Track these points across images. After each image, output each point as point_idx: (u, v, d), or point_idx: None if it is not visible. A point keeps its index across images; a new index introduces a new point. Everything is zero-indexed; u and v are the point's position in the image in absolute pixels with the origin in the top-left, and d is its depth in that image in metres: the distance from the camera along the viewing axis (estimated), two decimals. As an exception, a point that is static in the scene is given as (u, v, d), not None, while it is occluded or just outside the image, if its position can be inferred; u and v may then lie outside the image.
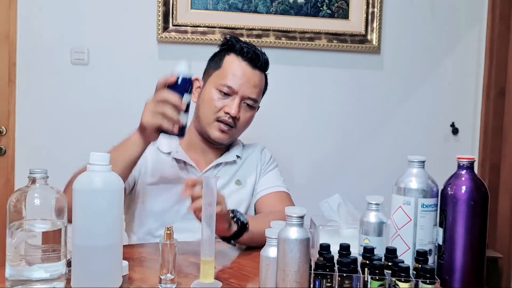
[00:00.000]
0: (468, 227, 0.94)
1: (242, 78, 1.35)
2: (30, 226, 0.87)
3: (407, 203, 0.99)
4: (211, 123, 1.36)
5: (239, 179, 1.43)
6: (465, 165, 0.97)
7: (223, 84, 1.35)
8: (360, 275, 0.86)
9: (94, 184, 0.87)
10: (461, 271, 0.95)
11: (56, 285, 0.87)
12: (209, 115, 1.36)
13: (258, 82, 1.38)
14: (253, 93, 1.37)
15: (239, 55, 1.37)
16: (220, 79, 1.36)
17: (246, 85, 1.35)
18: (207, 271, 0.92)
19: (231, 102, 1.34)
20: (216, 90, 1.36)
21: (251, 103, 1.37)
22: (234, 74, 1.35)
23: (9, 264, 0.86)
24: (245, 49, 1.36)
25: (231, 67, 1.36)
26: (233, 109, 1.33)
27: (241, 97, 1.35)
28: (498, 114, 2.30)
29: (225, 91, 1.34)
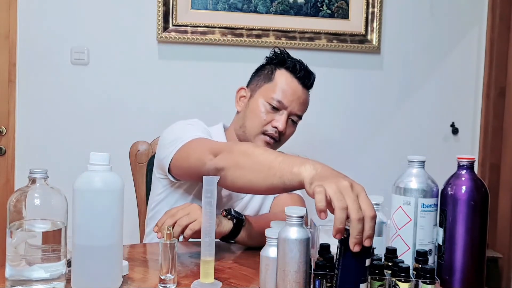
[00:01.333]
0: (468, 227, 0.94)
1: (293, 95, 1.37)
2: (30, 226, 0.87)
3: (407, 203, 0.99)
4: (257, 135, 1.37)
5: None
6: (465, 165, 0.97)
7: (274, 98, 1.36)
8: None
9: (94, 184, 0.86)
10: (461, 271, 0.95)
11: (56, 285, 0.87)
12: (257, 127, 1.37)
13: (305, 101, 1.42)
14: (301, 110, 1.40)
15: (291, 72, 1.39)
16: (271, 93, 1.37)
17: (296, 102, 1.38)
18: (207, 271, 0.92)
19: (280, 117, 1.37)
20: (266, 103, 1.37)
21: (296, 119, 1.41)
22: (286, 90, 1.37)
23: (9, 264, 0.86)
24: (298, 66, 1.39)
25: (283, 82, 1.38)
26: (281, 124, 1.35)
27: (289, 112, 1.38)
28: (498, 114, 2.30)
29: (274, 105, 1.36)
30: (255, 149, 1.05)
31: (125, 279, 0.96)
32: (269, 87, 1.39)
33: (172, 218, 1.06)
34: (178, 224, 1.04)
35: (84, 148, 2.12)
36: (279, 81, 1.39)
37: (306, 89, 1.42)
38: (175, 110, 2.11)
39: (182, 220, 1.05)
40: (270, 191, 1.03)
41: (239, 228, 1.14)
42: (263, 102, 1.37)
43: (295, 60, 1.42)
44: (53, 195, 0.89)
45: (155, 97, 2.15)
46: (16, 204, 0.86)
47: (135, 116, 2.14)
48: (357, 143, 2.30)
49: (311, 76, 1.42)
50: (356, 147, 2.30)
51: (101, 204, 0.86)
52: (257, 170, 1.00)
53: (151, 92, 2.15)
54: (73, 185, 0.86)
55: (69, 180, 0.89)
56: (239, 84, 1.51)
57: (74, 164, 2.15)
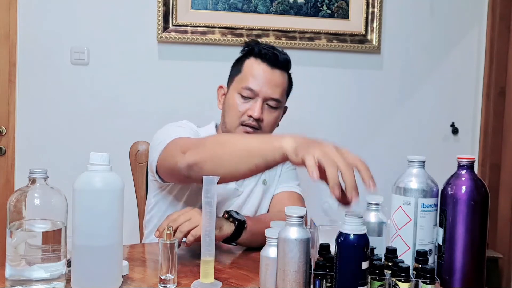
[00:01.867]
0: (468, 227, 0.94)
1: (262, 79, 1.35)
2: (30, 226, 0.87)
3: (407, 203, 0.99)
4: (236, 127, 1.36)
5: (265, 179, 1.45)
6: (465, 165, 0.97)
7: (244, 87, 1.35)
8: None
9: (94, 184, 0.86)
10: (461, 271, 0.95)
11: (56, 285, 0.87)
12: (234, 120, 1.36)
13: (280, 82, 1.38)
14: (275, 93, 1.36)
15: (258, 57, 1.37)
16: (241, 83, 1.36)
17: (267, 86, 1.35)
18: (207, 271, 0.92)
19: (254, 105, 1.35)
20: (238, 95, 1.36)
21: (274, 103, 1.37)
22: (254, 76, 1.35)
23: (9, 264, 0.86)
24: (263, 51, 1.37)
25: (250, 70, 1.37)
26: (256, 111, 1.33)
27: (263, 98, 1.35)
28: (498, 114, 2.30)
29: (246, 95, 1.35)
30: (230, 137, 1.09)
31: (125, 279, 0.96)
32: (239, 78, 1.38)
33: (174, 224, 1.05)
34: (180, 231, 1.04)
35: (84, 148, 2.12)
36: (247, 70, 1.37)
37: (278, 70, 1.38)
38: (175, 110, 2.11)
39: (184, 226, 1.04)
40: (253, 172, 1.02)
41: (240, 231, 1.14)
42: (236, 95, 1.37)
43: (262, 45, 1.40)
44: (53, 195, 0.89)
45: (155, 97, 2.15)
46: (16, 204, 0.86)
47: (135, 116, 2.14)
48: (357, 143, 2.30)
49: (279, 55, 1.37)
50: (356, 147, 2.27)
51: (101, 204, 0.86)
52: (237, 156, 1.01)
53: (151, 92, 2.15)
54: (73, 185, 0.86)
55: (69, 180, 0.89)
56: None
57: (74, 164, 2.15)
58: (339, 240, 0.83)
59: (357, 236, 0.82)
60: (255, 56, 1.38)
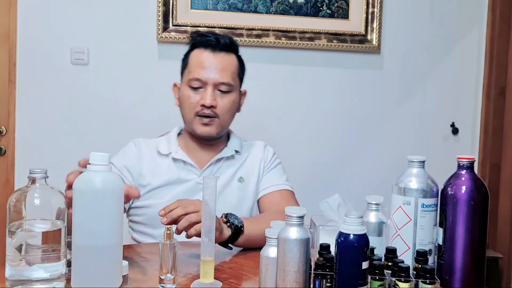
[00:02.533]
0: (468, 227, 0.94)
1: (206, 66, 1.35)
2: (30, 226, 0.87)
3: (407, 203, 0.99)
4: (193, 120, 1.37)
5: (241, 177, 1.42)
6: (465, 165, 0.97)
7: (192, 78, 1.36)
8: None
9: (94, 184, 0.86)
10: (461, 271, 0.95)
11: (56, 285, 0.87)
12: (189, 113, 1.37)
13: (226, 65, 1.37)
14: (223, 77, 1.36)
15: (201, 46, 1.38)
16: (188, 75, 1.37)
17: (214, 71, 1.35)
18: (207, 271, 0.92)
19: (204, 93, 1.35)
20: (188, 87, 1.37)
21: (225, 88, 1.36)
22: (199, 65, 1.36)
23: (9, 264, 0.86)
24: (204, 38, 1.38)
25: (195, 60, 1.38)
26: (207, 99, 1.33)
27: (213, 85, 1.35)
28: (498, 114, 2.30)
29: (196, 86, 1.36)
30: None
31: (125, 279, 0.96)
32: (187, 71, 1.39)
33: (183, 210, 1.05)
34: (187, 219, 1.04)
35: (84, 148, 2.12)
36: (192, 61, 1.38)
37: (223, 53, 1.37)
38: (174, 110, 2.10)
39: (192, 217, 1.05)
40: None
41: (237, 235, 1.15)
42: (186, 88, 1.38)
43: (201, 34, 1.41)
44: (53, 195, 0.89)
45: (155, 97, 2.15)
46: (16, 204, 0.86)
47: (135, 116, 2.14)
48: (357, 143, 2.30)
49: (220, 39, 1.37)
50: (356, 147, 2.30)
51: (101, 204, 0.86)
52: None
53: (151, 92, 2.15)
54: (73, 185, 0.86)
55: (69, 180, 0.89)
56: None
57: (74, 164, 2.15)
58: (339, 240, 0.83)
59: (357, 236, 0.82)
60: (198, 46, 1.39)
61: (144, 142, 1.45)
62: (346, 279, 0.83)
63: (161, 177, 1.37)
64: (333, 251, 0.87)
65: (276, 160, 1.51)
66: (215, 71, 1.35)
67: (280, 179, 1.46)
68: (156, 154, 1.42)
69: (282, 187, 1.44)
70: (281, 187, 1.43)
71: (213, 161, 1.40)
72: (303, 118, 2.26)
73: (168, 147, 1.42)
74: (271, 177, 1.45)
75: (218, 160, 1.42)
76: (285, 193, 1.43)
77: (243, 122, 2.15)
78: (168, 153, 1.40)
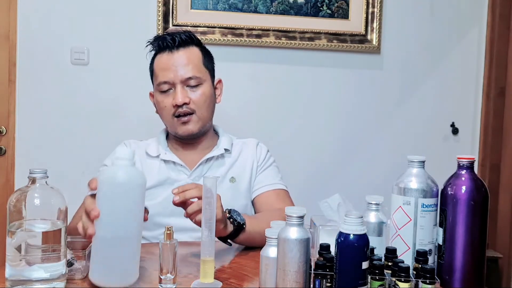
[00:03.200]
0: (468, 227, 0.94)
1: (170, 68, 1.36)
2: (30, 226, 0.87)
3: (407, 203, 0.99)
4: (172, 122, 1.38)
5: (233, 176, 1.42)
6: (465, 165, 0.97)
7: (159, 83, 1.37)
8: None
9: (119, 177, 0.88)
10: (461, 271, 0.95)
11: (56, 285, 0.87)
12: (167, 117, 1.38)
13: (188, 59, 1.37)
14: (187, 72, 1.35)
15: (160, 51, 1.39)
16: (156, 81, 1.39)
17: (176, 70, 1.35)
18: (207, 271, 0.92)
19: (174, 93, 1.36)
20: (159, 93, 1.39)
21: (194, 82, 1.37)
22: (162, 69, 1.37)
23: (9, 264, 0.86)
24: (160, 41, 1.38)
25: (157, 65, 1.39)
26: (178, 98, 1.34)
27: (180, 82, 1.36)
28: (498, 114, 2.30)
29: (165, 89, 1.37)
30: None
31: (125, 279, 0.96)
32: (154, 78, 1.41)
33: (197, 192, 1.03)
34: (198, 204, 1.02)
35: (84, 148, 2.12)
36: (155, 67, 1.40)
37: (181, 49, 1.37)
38: (175, 110, 2.11)
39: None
40: None
41: (238, 232, 1.14)
42: (158, 94, 1.39)
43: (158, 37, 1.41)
44: (53, 195, 0.89)
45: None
46: (16, 204, 0.86)
47: (135, 116, 2.14)
48: (357, 143, 2.30)
49: (174, 37, 1.37)
50: (356, 147, 2.30)
51: (124, 197, 0.88)
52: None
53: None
54: (99, 178, 0.88)
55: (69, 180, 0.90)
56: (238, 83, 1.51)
57: (74, 164, 2.16)
58: (339, 240, 0.83)
59: (357, 236, 0.82)
60: (158, 51, 1.40)
61: (135, 144, 1.46)
62: (346, 279, 0.83)
63: (151, 178, 1.36)
64: (333, 251, 0.87)
65: (270, 159, 1.50)
66: (177, 69, 1.35)
67: (274, 178, 1.45)
68: (146, 156, 1.42)
69: (277, 186, 1.43)
70: (276, 187, 1.43)
71: (202, 161, 1.40)
72: (303, 118, 2.26)
73: (157, 148, 1.42)
74: (265, 177, 1.45)
75: (208, 160, 1.41)
76: (280, 192, 1.42)
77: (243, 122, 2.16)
78: (157, 155, 1.41)
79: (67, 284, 0.89)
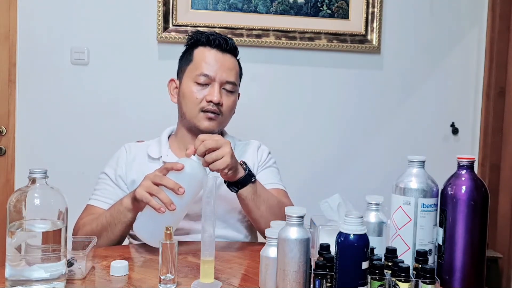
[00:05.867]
0: (468, 227, 0.95)
1: (215, 64, 1.36)
2: (30, 226, 0.87)
3: (407, 203, 0.99)
4: (197, 115, 1.36)
5: None
6: (465, 165, 0.97)
7: (199, 74, 1.36)
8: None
9: (197, 173, 1.11)
10: (461, 271, 0.95)
11: (56, 285, 0.87)
12: (193, 108, 1.37)
13: (232, 65, 1.39)
14: (230, 76, 1.37)
15: (207, 45, 1.38)
16: (195, 71, 1.37)
17: (222, 69, 1.36)
18: (207, 271, 0.93)
19: (211, 90, 1.35)
20: (193, 83, 1.37)
21: (231, 87, 1.38)
22: (207, 62, 1.36)
23: (9, 264, 0.86)
24: (211, 37, 1.38)
25: (202, 56, 1.38)
26: (215, 95, 1.34)
27: (220, 83, 1.36)
28: (498, 114, 2.30)
29: (202, 81, 1.35)
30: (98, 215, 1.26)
31: (125, 279, 0.96)
32: (192, 67, 1.38)
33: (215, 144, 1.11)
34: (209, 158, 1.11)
35: (84, 148, 2.13)
36: (198, 58, 1.38)
37: (228, 54, 1.39)
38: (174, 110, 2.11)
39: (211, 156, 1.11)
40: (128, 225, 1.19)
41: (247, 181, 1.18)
42: (191, 83, 1.37)
43: (207, 33, 1.41)
44: (53, 195, 0.89)
45: (155, 97, 2.14)
46: (16, 204, 0.86)
47: (135, 116, 2.14)
48: (357, 143, 2.30)
49: (228, 41, 1.39)
50: (356, 147, 2.30)
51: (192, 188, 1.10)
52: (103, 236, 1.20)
53: (151, 92, 2.15)
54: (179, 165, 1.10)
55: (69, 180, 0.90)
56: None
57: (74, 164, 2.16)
58: (339, 240, 0.83)
59: (357, 236, 0.82)
60: (203, 44, 1.39)
61: (135, 147, 1.45)
62: (346, 279, 0.83)
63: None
64: (333, 251, 0.87)
65: (271, 160, 1.50)
66: (223, 69, 1.36)
67: (273, 178, 1.45)
68: (147, 158, 1.40)
69: (276, 186, 1.43)
70: (275, 186, 1.42)
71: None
72: (303, 118, 2.26)
73: (159, 150, 1.41)
74: (265, 176, 1.44)
75: None
76: (279, 192, 1.42)
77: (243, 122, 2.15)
78: (158, 157, 1.40)
79: (67, 284, 0.89)
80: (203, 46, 1.39)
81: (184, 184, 1.08)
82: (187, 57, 1.42)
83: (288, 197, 1.43)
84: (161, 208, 1.06)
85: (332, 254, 0.88)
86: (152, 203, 1.07)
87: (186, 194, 1.08)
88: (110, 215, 1.20)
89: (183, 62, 1.43)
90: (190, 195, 1.10)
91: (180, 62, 1.45)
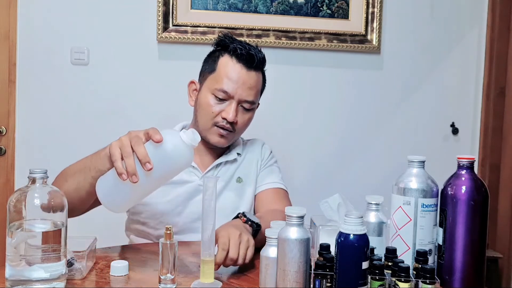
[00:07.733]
0: (468, 227, 0.95)
1: (237, 82, 1.32)
2: (30, 226, 0.87)
3: (407, 203, 0.99)
4: (209, 128, 1.34)
5: (240, 177, 1.42)
6: (465, 165, 0.97)
7: (219, 89, 1.32)
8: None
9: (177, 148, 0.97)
10: (461, 271, 0.95)
11: (56, 285, 0.87)
12: (207, 121, 1.34)
13: (254, 84, 1.35)
14: (250, 95, 1.34)
15: (233, 56, 1.33)
16: (215, 83, 1.33)
17: (242, 88, 1.32)
18: (207, 271, 0.93)
19: (228, 107, 1.32)
20: (212, 95, 1.33)
21: (248, 106, 1.35)
22: (229, 78, 1.32)
23: (9, 264, 0.86)
24: (239, 50, 1.32)
25: (225, 70, 1.33)
26: (230, 114, 1.31)
27: (238, 101, 1.32)
28: (498, 114, 2.30)
29: (221, 97, 1.32)
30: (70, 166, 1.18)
31: (125, 279, 0.96)
32: (213, 78, 1.34)
33: (240, 243, 1.03)
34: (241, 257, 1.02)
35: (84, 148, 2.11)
36: (222, 70, 1.33)
37: (254, 71, 1.34)
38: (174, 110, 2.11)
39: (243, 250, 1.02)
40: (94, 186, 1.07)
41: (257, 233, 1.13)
42: (209, 95, 1.33)
43: (237, 42, 1.35)
44: (53, 195, 0.89)
45: (155, 97, 2.15)
46: (16, 204, 0.86)
47: (135, 116, 2.14)
48: (357, 143, 2.30)
49: (255, 57, 1.33)
50: (356, 147, 2.30)
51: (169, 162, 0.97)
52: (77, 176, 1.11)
53: (151, 92, 2.15)
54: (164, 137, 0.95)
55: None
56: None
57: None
58: (339, 240, 0.83)
59: (357, 236, 0.82)
60: (230, 54, 1.34)
61: None
62: (346, 279, 0.83)
63: None
64: (333, 251, 0.87)
65: (272, 159, 1.51)
66: (244, 88, 1.32)
67: (274, 177, 1.45)
68: None
69: (276, 185, 1.43)
70: (275, 186, 1.43)
71: (214, 165, 1.40)
72: (303, 118, 2.26)
73: None
74: (266, 175, 1.45)
75: (219, 164, 1.41)
76: (280, 191, 1.42)
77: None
78: None
79: (67, 284, 0.89)
80: (229, 56, 1.34)
81: (157, 161, 0.94)
82: (211, 63, 1.38)
83: (287, 197, 1.43)
84: (123, 174, 0.94)
85: (332, 254, 0.88)
86: (117, 164, 0.96)
87: (154, 173, 0.94)
88: (90, 159, 1.12)
89: (206, 67, 1.39)
90: (159, 174, 0.97)
91: (204, 64, 1.42)
